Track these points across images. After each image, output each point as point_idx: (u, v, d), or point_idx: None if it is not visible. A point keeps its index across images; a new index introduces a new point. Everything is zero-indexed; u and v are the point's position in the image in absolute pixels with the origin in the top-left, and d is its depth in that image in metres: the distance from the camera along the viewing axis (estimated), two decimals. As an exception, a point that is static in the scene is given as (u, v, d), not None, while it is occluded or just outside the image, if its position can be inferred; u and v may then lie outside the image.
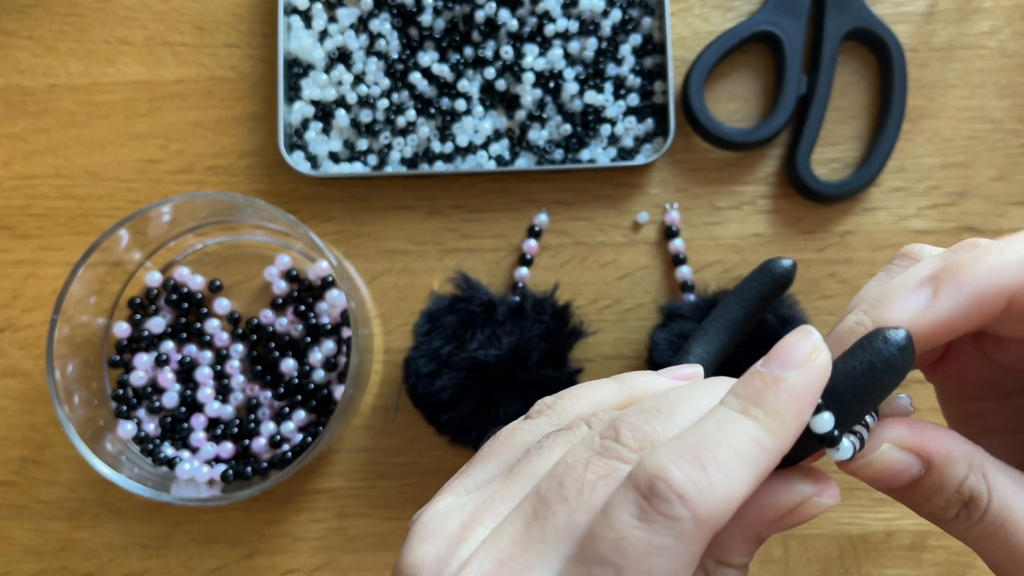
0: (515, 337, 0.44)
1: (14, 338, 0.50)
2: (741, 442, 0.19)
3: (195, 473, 0.47)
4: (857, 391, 0.20)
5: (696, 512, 0.18)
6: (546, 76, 0.49)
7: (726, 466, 0.19)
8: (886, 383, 0.20)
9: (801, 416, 0.20)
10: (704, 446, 0.19)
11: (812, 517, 0.21)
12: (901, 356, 0.20)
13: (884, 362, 0.20)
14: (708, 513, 0.18)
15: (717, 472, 0.19)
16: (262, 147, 0.51)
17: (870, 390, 0.20)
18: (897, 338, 0.20)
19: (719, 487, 0.18)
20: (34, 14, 0.52)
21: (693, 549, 0.19)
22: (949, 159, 0.50)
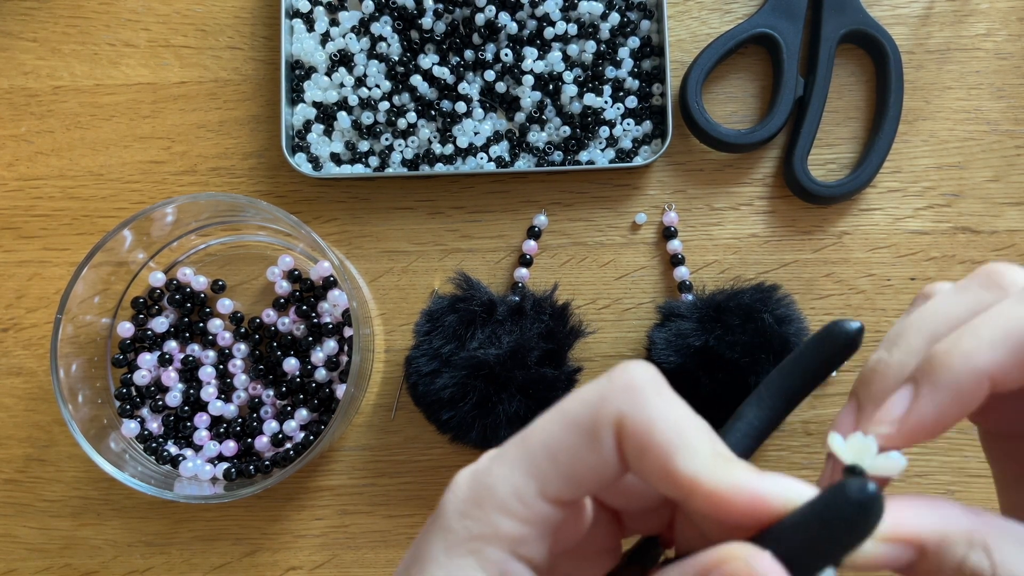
0: (515, 337, 0.45)
1: (19, 337, 0.51)
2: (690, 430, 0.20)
3: (198, 471, 0.47)
4: (811, 548, 0.18)
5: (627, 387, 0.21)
6: (545, 79, 0.50)
7: (668, 408, 0.20)
8: (845, 543, 0.18)
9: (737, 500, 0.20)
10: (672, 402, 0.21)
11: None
12: (862, 515, 0.18)
13: (843, 520, 0.18)
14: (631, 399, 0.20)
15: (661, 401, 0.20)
16: (265, 149, 0.52)
17: (825, 549, 0.18)
18: (859, 495, 0.18)
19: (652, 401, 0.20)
20: (38, 16, 0.53)
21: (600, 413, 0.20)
22: (945, 160, 0.50)
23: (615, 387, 0.21)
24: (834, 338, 0.24)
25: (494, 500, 0.21)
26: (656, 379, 0.21)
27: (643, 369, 0.21)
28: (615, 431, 0.20)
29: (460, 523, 0.21)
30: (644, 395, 0.20)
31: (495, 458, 0.22)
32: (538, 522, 0.21)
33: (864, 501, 0.18)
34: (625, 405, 0.20)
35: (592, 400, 0.21)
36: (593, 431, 0.20)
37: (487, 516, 0.21)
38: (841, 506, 0.18)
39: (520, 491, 0.21)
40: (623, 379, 0.21)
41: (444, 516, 0.21)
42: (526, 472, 0.21)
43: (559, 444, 0.21)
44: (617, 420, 0.20)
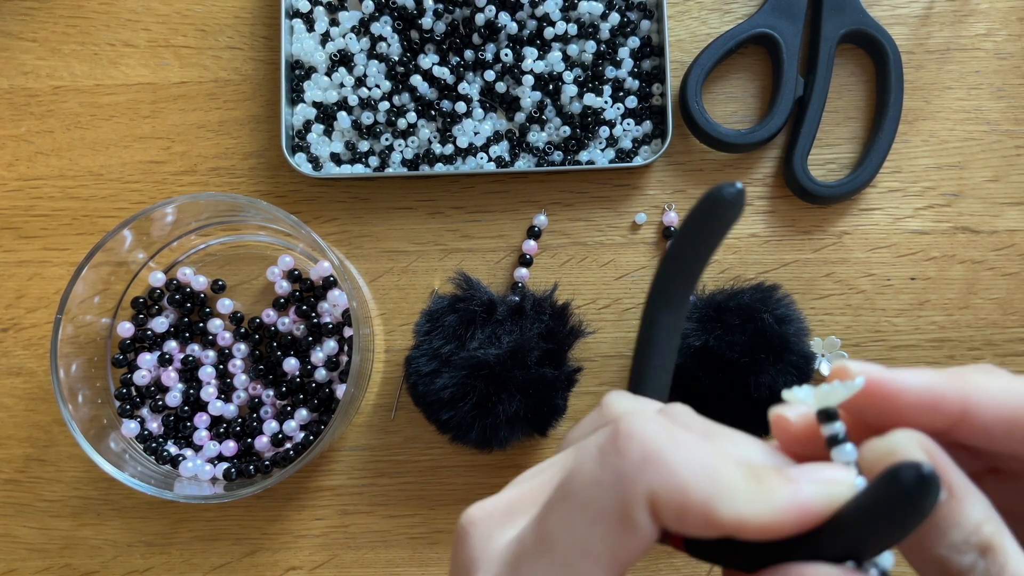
0: (515, 336, 0.45)
1: (19, 337, 0.51)
2: (719, 472, 0.19)
3: (198, 471, 0.47)
4: (874, 538, 0.18)
5: (644, 461, 0.19)
6: (545, 79, 0.50)
7: (690, 464, 0.19)
8: (907, 527, 0.18)
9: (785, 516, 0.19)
10: (685, 442, 0.19)
11: None
12: (921, 499, 0.17)
13: (903, 508, 0.17)
14: (653, 472, 0.18)
15: (680, 457, 0.19)
16: (265, 149, 0.52)
17: (888, 536, 0.18)
18: (915, 482, 0.17)
19: (674, 464, 0.18)
20: (38, 16, 0.53)
21: (624, 498, 0.19)
22: (945, 160, 0.50)
23: (631, 463, 0.19)
24: (716, 203, 0.23)
25: None
26: (663, 429, 0.19)
27: (646, 426, 0.19)
28: (649, 509, 0.19)
29: None
30: (665, 461, 0.19)
31: (521, 571, 0.20)
32: None
33: (921, 487, 0.17)
34: (651, 480, 0.19)
35: (611, 485, 0.19)
36: (626, 519, 0.19)
37: None
38: (899, 495, 0.17)
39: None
40: (635, 449, 0.19)
41: None
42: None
43: (592, 542, 0.19)
44: (649, 498, 0.19)
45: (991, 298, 0.50)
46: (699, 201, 0.23)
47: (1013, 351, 0.49)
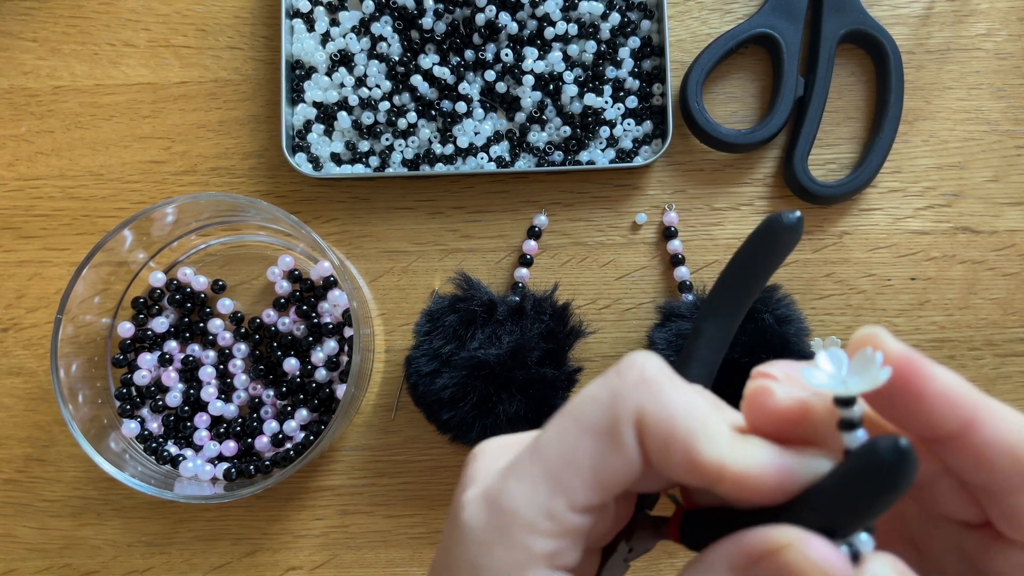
0: (515, 337, 0.45)
1: (19, 337, 0.51)
2: (707, 418, 0.19)
3: (198, 471, 0.47)
4: (850, 513, 0.18)
5: (639, 383, 0.20)
6: (546, 79, 0.50)
7: (682, 400, 0.19)
8: (883, 502, 0.18)
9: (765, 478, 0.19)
10: (683, 386, 0.20)
11: None
12: (898, 474, 0.17)
13: (879, 482, 0.18)
14: (647, 394, 0.19)
15: (674, 392, 0.20)
16: (265, 149, 0.52)
17: (864, 511, 0.18)
18: (892, 456, 0.17)
19: (666, 394, 0.19)
20: (38, 16, 0.53)
21: (617, 413, 0.19)
22: (945, 160, 0.50)
23: (628, 383, 0.20)
24: (776, 230, 0.23)
25: (522, 522, 0.20)
26: (665, 369, 0.20)
27: (652, 360, 0.20)
28: (636, 428, 0.20)
29: (491, 556, 0.20)
30: (660, 387, 0.20)
31: (509, 477, 0.20)
32: (571, 533, 0.20)
33: (898, 461, 0.17)
34: (643, 400, 0.19)
35: (606, 400, 0.20)
36: (614, 433, 0.20)
37: (519, 541, 0.20)
38: (875, 469, 0.17)
39: (548, 508, 0.20)
40: (634, 373, 0.20)
41: (466, 551, 0.20)
42: (550, 487, 0.20)
43: (579, 452, 0.20)
44: (637, 417, 0.20)
45: (991, 298, 0.50)
46: (759, 227, 0.24)
47: (1013, 351, 0.49)
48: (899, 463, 0.17)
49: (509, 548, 0.20)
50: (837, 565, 0.18)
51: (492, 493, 0.20)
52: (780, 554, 0.18)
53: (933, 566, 0.23)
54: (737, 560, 0.19)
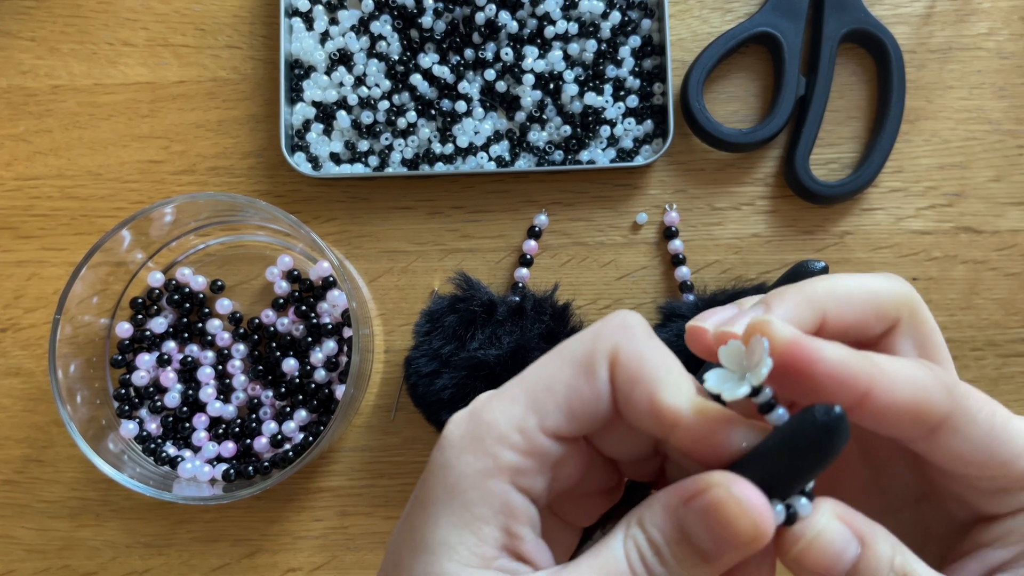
0: (515, 337, 0.44)
1: (17, 338, 0.51)
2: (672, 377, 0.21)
3: (197, 472, 0.47)
4: (785, 472, 0.20)
5: (620, 324, 0.22)
6: (546, 78, 0.50)
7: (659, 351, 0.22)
8: (815, 464, 0.19)
9: None
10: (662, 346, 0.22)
11: (726, 526, 0.20)
12: (829, 437, 0.19)
13: (812, 443, 0.19)
14: (627, 334, 0.22)
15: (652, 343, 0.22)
16: (264, 148, 0.51)
17: (797, 471, 0.20)
18: (825, 418, 0.19)
19: (641, 339, 0.22)
20: (36, 15, 0.53)
21: (594, 352, 0.22)
22: (947, 160, 0.50)
23: (610, 325, 0.22)
24: (804, 277, 0.25)
25: (495, 433, 0.21)
26: (647, 325, 0.22)
27: (635, 315, 0.23)
28: (609, 363, 0.22)
29: (460, 460, 0.21)
30: (636, 333, 0.22)
31: (493, 396, 0.22)
32: (538, 455, 0.22)
33: (830, 423, 0.19)
34: (620, 340, 0.22)
35: (588, 338, 0.22)
36: (589, 363, 0.22)
37: (488, 449, 0.21)
38: (809, 430, 0.19)
39: (520, 423, 0.21)
40: (617, 319, 0.22)
41: (443, 455, 0.22)
42: (525, 406, 0.22)
43: (557, 378, 0.22)
44: (612, 352, 0.22)
45: (993, 298, 0.49)
46: (786, 272, 0.26)
47: (1015, 351, 0.49)
48: (834, 427, 0.19)
49: (479, 454, 0.21)
50: (757, 504, 0.20)
51: (475, 408, 0.22)
52: (708, 492, 0.20)
53: (881, 470, 0.26)
54: (671, 500, 0.21)
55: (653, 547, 0.21)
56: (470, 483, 0.21)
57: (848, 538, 0.21)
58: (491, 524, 0.21)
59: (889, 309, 0.24)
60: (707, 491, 0.20)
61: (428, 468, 0.22)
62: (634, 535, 0.21)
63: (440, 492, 0.21)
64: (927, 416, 0.21)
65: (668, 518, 0.21)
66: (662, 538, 0.21)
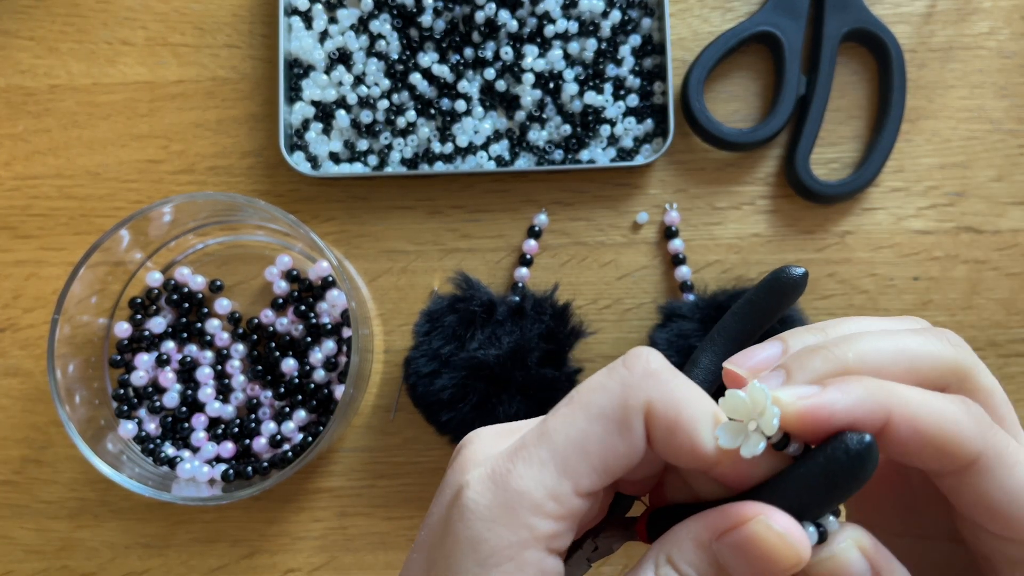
0: (515, 337, 0.44)
1: (15, 338, 0.51)
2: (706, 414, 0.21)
3: (196, 472, 0.47)
4: (816, 497, 0.20)
5: (647, 374, 0.21)
6: (546, 77, 0.50)
7: (691, 389, 0.21)
8: (845, 490, 0.20)
9: None
10: (688, 385, 0.21)
11: (764, 555, 0.20)
12: (860, 464, 0.20)
13: (844, 470, 0.20)
14: (654, 383, 0.21)
15: (679, 376, 0.21)
16: (263, 147, 0.51)
17: (828, 496, 0.20)
18: (857, 447, 0.20)
19: (673, 378, 0.21)
20: (35, 15, 0.53)
21: (626, 401, 0.21)
22: (948, 159, 0.50)
23: (636, 374, 0.21)
24: (783, 283, 0.26)
25: (527, 503, 0.20)
26: (668, 364, 0.22)
27: (655, 354, 0.22)
28: (645, 416, 0.21)
29: (492, 532, 0.20)
30: (666, 379, 0.21)
31: (517, 459, 0.21)
32: (572, 516, 0.21)
33: (863, 451, 0.20)
34: (652, 391, 0.21)
35: (616, 390, 0.21)
36: (624, 421, 0.21)
37: (523, 521, 0.20)
38: (842, 458, 0.20)
39: (555, 491, 0.21)
40: (641, 365, 0.21)
41: (470, 529, 0.21)
42: (558, 471, 0.21)
43: (589, 438, 0.21)
44: (647, 406, 0.21)
45: (994, 298, 0.49)
46: (765, 278, 0.26)
47: (1016, 351, 0.49)
48: (865, 454, 0.19)
49: (513, 527, 0.20)
50: (797, 535, 0.20)
51: (499, 473, 0.21)
52: (745, 526, 0.20)
53: (921, 501, 0.26)
54: (702, 535, 0.20)
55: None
56: (505, 556, 0.20)
57: (864, 570, 0.20)
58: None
59: (931, 376, 0.22)
60: (744, 526, 0.20)
61: (448, 536, 0.21)
62: (666, 574, 0.21)
63: (471, 565, 0.20)
64: (954, 451, 0.21)
65: (702, 554, 0.20)
66: (696, 574, 0.20)
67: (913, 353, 0.22)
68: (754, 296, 0.26)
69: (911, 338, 0.22)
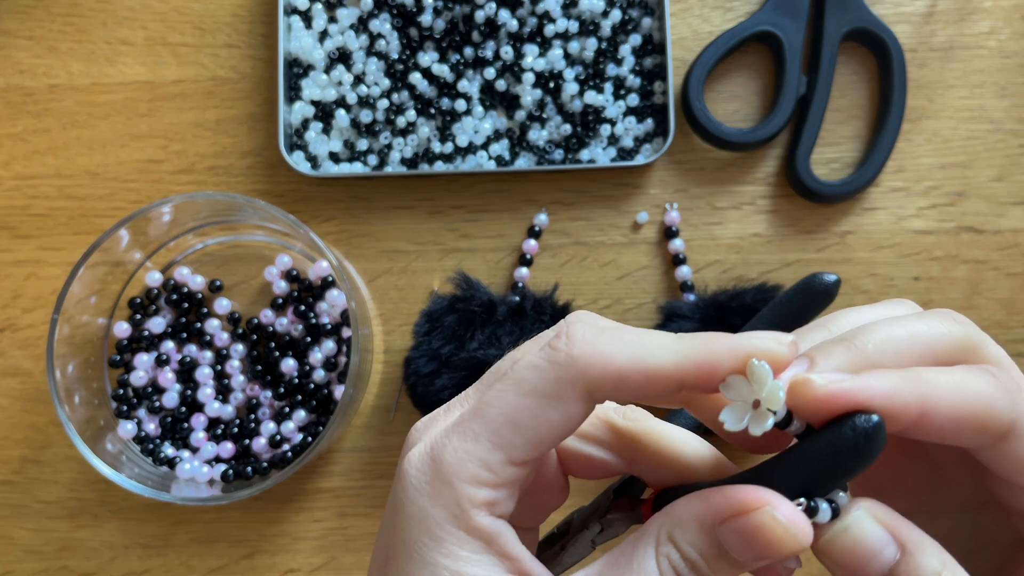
0: (515, 337, 0.44)
1: (15, 338, 0.51)
2: (647, 338, 0.21)
3: (195, 473, 0.47)
4: (823, 475, 0.20)
5: (574, 344, 0.21)
6: (546, 76, 0.50)
7: (621, 340, 0.21)
8: (852, 468, 0.20)
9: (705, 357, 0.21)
10: (620, 327, 0.21)
11: (767, 543, 0.20)
12: (869, 443, 0.20)
13: (853, 448, 0.20)
14: (583, 354, 0.21)
15: (611, 336, 0.21)
16: (262, 147, 0.51)
17: (835, 474, 0.20)
18: (866, 425, 0.20)
19: (604, 343, 0.21)
20: (35, 15, 0.53)
21: (557, 374, 0.21)
22: (948, 159, 0.50)
23: (567, 350, 0.21)
24: (815, 289, 0.25)
25: (462, 475, 0.21)
26: (597, 322, 0.22)
27: (584, 321, 0.22)
28: (581, 389, 0.21)
29: (435, 505, 0.21)
30: (596, 345, 0.21)
31: (450, 434, 0.22)
32: (509, 484, 0.21)
33: (871, 431, 0.20)
34: (584, 361, 0.21)
35: (547, 368, 0.21)
36: (556, 395, 0.21)
37: (460, 491, 0.21)
38: (850, 436, 0.20)
39: (487, 462, 0.21)
40: (573, 338, 0.21)
41: (413, 504, 0.21)
42: (490, 443, 0.21)
43: (521, 412, 0.21)
44: (583, 382, 0.21)
45: (995, 298, 0.49)
46: (797, 284, 0.26)
47: (1017, 351, 0.49)
48: (873, 434, 0.20)
49: (454, 498, 0.21)
50: (802, 525, 0.20)
51: (436, 448, 0.22)
52: (751, 515, 0.20)
53: (939, 472, 0.26)
54: (706, 517, 0.21)
55: (689, 563, 0.21)
56: (451, 527, 0.21)
57: (884, 541, 0.21)
58: (486, 555, 0.21)
59: (946, 356, 0.22)
60: (750, 515, 0.20)
61: (398, 515, 0.22)
62: (668, 553, 0.21)
63: (425, 540, 0.21)
64: (990, 426, 0.21)
65: (704, 535, 0.21)
66: (698, 555, 0.21)
67: (926, 336, 0.22)
68: (783, 301, 0.26)
69: (920, 322, 0.22)
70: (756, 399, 0.20)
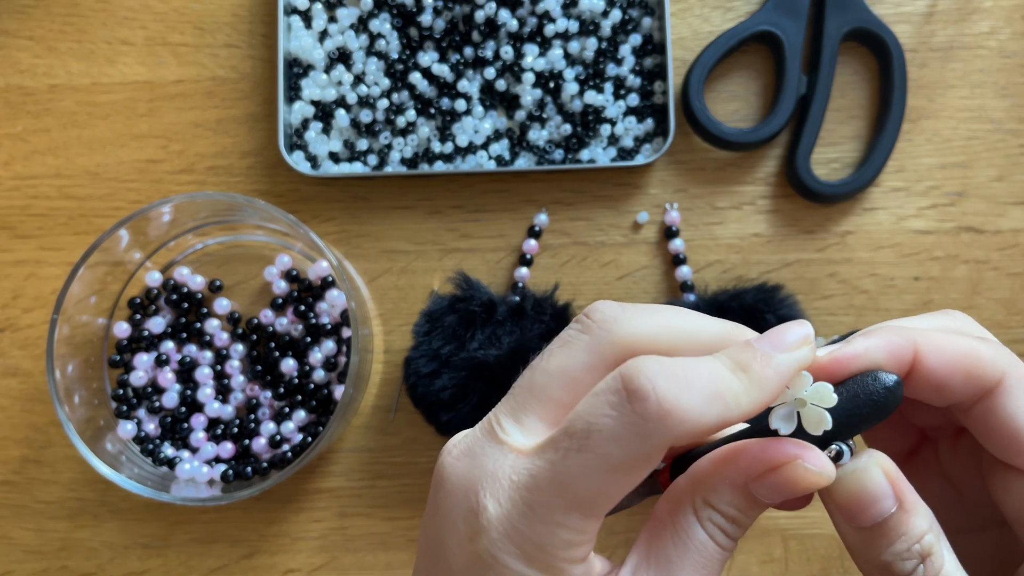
0: (515, 337, 0.44)
1: (14, 338, 0.50)
2: (722, 388, 0.21)
3: (195, 473, 0.47)
4: (844, 423, 0.22)
5: (663, 418, 0.20)
6: (546, 76, 0.50)
7: (701, 397, 0.21)
8: (871, 418, 0.22)
9: (775, 391, 0.21)
10: (690, 376, 0.21)
11: (799, 488, 0.21)
12: (889, 395, 0.22)
13: (874, 399, 0.22)
14: (672, 424, 0.20)
15: (693, 397, 0.20)
16: (262, 147, 0.51)
17: (855, 423, 0.22)
18: (886, 380, 0.22)
19: (689, 409, 0.20)
20: (35, 14, 0.53)
21: (647, 451, 0.21)
22: (949, 159, 0.50)
23: (650, 421, 0.20)
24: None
25: (559, 545, 0.21)
26: (667, 373, 0.21)
27: (656, 379, 0.21)
28: (665, 451, 0.21)
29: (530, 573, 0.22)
30: (680, 410, 0.20)
31: (535, 519, 0.21)
32: (595, 532, 0.22)
33: (890, 384, 0.22)
34: (671, 431, 0.20)
35: (632, 441, 0.21)
36: (643, 465, 0.21)
37: (558, 556, 0.21)
38: (873, 387, 0.22)
39: (580, 527, 0.21)
40: (652, 409, 0.20)
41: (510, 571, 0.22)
42: (582, 514, 0.21)
43: (611, 487, 0.21)
44: (671, 442, 0.21)
45: (995, 298, 0.49)
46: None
47: (1017, 351, 0.49)
48: (892, 387, 0.22)
49: (549, 567, 0.22)
50: (830, 470, 0.21)
51: (524, 538, 0.21)
52: (784, 469, 0.21)
53: (965, 497, 0.27)
54: (738, 478, 0.22)
55: (730, 519, 0.22)
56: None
57: (886, 492, 0.22)
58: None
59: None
60: (782, 469, 0.21)
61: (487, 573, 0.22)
62: (710, 517, 0.22)
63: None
64: (980, 371, 0.22)
65: (738, 493, 0.22)
66: (736, 511, 0.22)
67: (939, 324, 0.24)
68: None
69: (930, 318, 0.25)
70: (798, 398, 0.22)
